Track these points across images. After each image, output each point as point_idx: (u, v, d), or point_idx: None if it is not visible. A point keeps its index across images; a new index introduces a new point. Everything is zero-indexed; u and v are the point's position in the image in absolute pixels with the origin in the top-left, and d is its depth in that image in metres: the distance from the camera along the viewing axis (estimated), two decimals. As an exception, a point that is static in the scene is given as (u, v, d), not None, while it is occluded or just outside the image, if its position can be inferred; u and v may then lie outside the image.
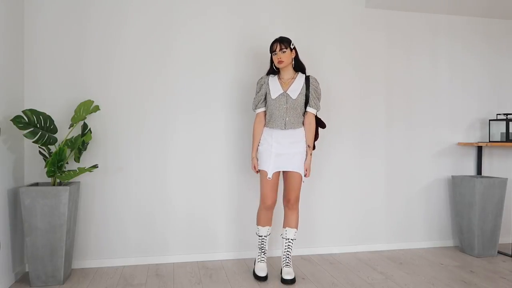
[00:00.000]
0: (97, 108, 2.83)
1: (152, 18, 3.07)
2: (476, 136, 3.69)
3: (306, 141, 2.73)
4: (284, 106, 2.66)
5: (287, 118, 2.66)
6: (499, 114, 3.57)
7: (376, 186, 3.47)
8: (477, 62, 3.68)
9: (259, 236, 2.79)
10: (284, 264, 2.73)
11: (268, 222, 2.77)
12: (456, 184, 3.47)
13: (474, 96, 3.68)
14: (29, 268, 2.58)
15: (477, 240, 3.30)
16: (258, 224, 2.79)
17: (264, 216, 2.76)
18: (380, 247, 3.46)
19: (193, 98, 3.14)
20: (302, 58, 3.27)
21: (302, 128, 2.74)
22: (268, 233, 2.79)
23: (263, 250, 2.79)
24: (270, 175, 2.67)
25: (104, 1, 3.00)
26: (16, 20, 2.77)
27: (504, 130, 3.59)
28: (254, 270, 2.77)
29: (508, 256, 3.33)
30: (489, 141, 3.61)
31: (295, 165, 2.69)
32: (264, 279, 2.70)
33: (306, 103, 2.72)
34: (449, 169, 3.62)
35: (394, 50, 3.50)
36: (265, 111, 2.79)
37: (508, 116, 3.52)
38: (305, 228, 3.31)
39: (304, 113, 2.75)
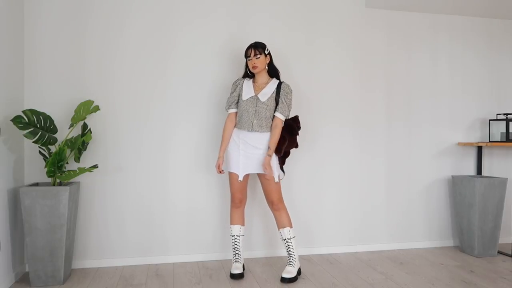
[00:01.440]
0: (97, 108, 2.83)
1: (153, 19, 3.07)
2: (476, 136, 3.69)
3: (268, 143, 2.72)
4: (253, 109, 2.71)
5: (255, 121, 2.70)
6: (499, 114, 3.57)
7: (376, 186, 3.47)
8: (477, 62, 3.68)
9: (232, 236, 2.83)
10: (287, 263, 2.75)
11: (239, 221, 2.83)
12: (456, 184, 3.46)
13: (474, 96, 3.67)
14: (29, 268, 2.58)
15: (477, 240, 3.30)
16: (230, 223, 2.86)
17: (234, 214, 2.83)
18: (380, 247, 3.46)
19: (193, 99, 3.14)
20: (302, 58, 3.28)
21: (270, 134, 2.74)
22: (241, 233, 2.83)
23: (237, 251, 2.82)
24: (241, 178, 2.73)
25: (105, 1, 3.00)
26: (16, 20, 2.76)
27: (504, 130, 3.59)
28: (230, 270, 2.81)
29: (508, 256, 3.33)
30: (489, 141, 3.61)
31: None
32: (238, 276, 2.73)
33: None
34: (449, 169, 3.62)
35: (394, 50, 3.50)
36: (237, 112, 2.82)
37: (508, 116, 3.52)
38: (305, 228, 3.31)
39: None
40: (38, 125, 2.63)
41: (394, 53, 3.50)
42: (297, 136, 2.87)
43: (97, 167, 2.79)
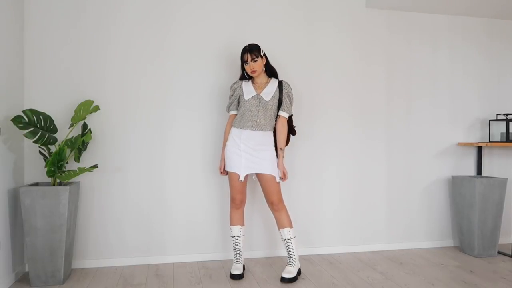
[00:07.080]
0: (97, 108, 2.83)
1: (153, 20, 3.07)
2: (476, 136, 3.69)
3: (277, 144, 2.78)
4: (257, 108, 2.71)
5: (258, 120, 2.70)
6: (499, 114, 3.57)
7: (376, 186, 3.46)
8: (477, 62, 3.68)
9: (232, 237, 2.84)
10: (287, 263, 2.75)
11: (239, 221, 2.83)
12: (456, 184, 3.46)
13: (474, 96, 3.67)
14: (29, 268, 2.58)
15: (477, 240, 3.30)
16: (230, 224, 2.85)
17: (234, 215, 2.83)
18: (380, 247, 3.46)
19: (192, 100, 3.14)
20: (302, 58, 3.28)
21: (271, 133, 2.78)
22: (241, 234, 2.83)
23: (237, 251, 2.82)
24: (242, 178, 2.72)
25: (106, 2, 3.00)
26: (16, 20, 2.76)
27: (504, 130, 3.59)
28: (230, 271, 2.81)
29: (508, 256, 3.33)
30: (489, 141, 3.61)
31: (266, 168, 2.71)
32: (238, 277, 2.73)
33: (279, 108, 2.78)
34: (449, 169, 3.62)
35: (394, 50, 3.50)
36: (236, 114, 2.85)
37: (508, 116, 3.52)
38: (305, 228, 3.31)
39: (277, 118, 2.80)
40: (38, 125, 2.63)
41: (394, 53, 3.50)
42: (292, 136, 2.95)
43: (97, 167, 2.79)
